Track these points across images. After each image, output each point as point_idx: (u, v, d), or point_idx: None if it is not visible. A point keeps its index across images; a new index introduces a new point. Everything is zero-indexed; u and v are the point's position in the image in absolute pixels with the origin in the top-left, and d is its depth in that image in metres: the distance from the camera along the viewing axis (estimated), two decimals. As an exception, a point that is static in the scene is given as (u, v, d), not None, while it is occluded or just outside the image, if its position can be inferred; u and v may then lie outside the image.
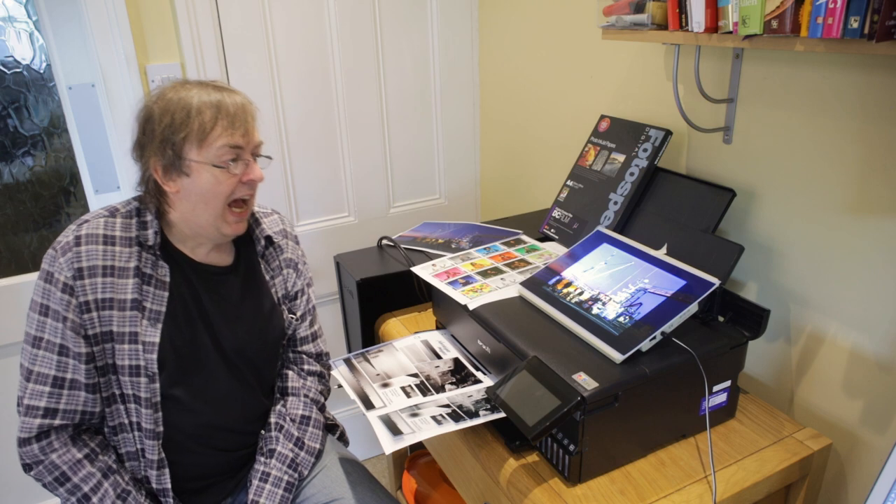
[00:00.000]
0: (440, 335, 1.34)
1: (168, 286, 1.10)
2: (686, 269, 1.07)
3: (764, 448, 1.04)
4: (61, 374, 1.04)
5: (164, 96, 1.04)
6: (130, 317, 1.06)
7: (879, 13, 0.77)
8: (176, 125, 1.02)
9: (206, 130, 1.02)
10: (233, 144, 1.04)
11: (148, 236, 1.08)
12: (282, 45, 1.77)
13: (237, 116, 1.05)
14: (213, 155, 1.04)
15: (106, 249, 1.05)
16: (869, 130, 1.00)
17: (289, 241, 1.27)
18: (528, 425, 0.91)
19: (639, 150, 1.35)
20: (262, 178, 1.10)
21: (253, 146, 1.08)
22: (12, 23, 1.59)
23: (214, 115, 1.03)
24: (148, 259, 1.08)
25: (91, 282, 1.04)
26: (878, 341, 1.04)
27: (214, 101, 1.03)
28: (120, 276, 1.06)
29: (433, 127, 2.09)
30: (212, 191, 1.05)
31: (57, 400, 1.04)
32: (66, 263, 1.03)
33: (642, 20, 1.13)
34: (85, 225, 1.06)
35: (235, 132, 1.04)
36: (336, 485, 1.22)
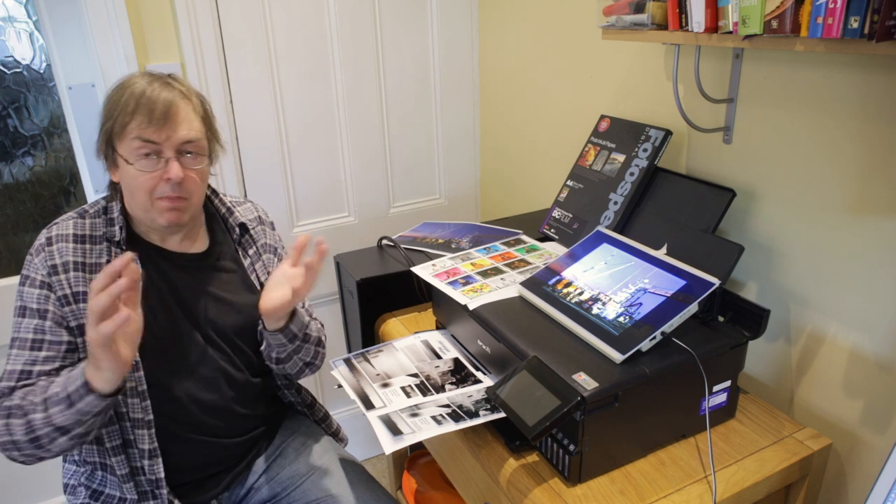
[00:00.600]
0: (440, 335, 1.34)
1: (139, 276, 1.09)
2: (686, 269, 1.07)
3: (764, 448, 1.04)
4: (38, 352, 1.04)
5: (117, 85, 1.05)
6: None
7: (879, 13, 0.77)
8: (106, 114, 1.04)
9: (125, 123, 1.02)
10: (144, 138, 1.02)
11: (115, 231, 1.09)
12: (282, 45, 1.77)
13: (155, 111, 1.01)
14: (130, 149, 1.03)
15: (76, 247, 1.07)
16: (869, 130, 1.00)
17: (265, 227, 1.29)
18: (528, 425, 0.91)
19: (639, 150, 1.35)
20: (180, 178, 1.04)
21: (176, 144, 1.04)
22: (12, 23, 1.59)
23: (134, 108, 1.01)
24: (117, 253, 1.09)
25: (66, 276, 1.05)
26: (878, 341, 1.04)
27: (140, 93, 1.02)
28: (92, 272, 1.07)
29: (433, 127, 2.09)
30: (132, 184, 1.05)
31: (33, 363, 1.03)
32: (40, 263, 1.05)
33: (642, 20, 1.13)
34: (55, 227, 1.08)
35: (150, 126, 1.01)
36: (334, 484, 1.22)
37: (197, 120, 1.08)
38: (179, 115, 1.04)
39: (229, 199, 1.26)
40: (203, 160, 1.10)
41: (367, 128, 1.97)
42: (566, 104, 1.70)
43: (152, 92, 1.02)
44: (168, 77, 1.08)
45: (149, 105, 1.01)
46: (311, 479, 1.23)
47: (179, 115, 1.04)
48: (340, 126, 1.93)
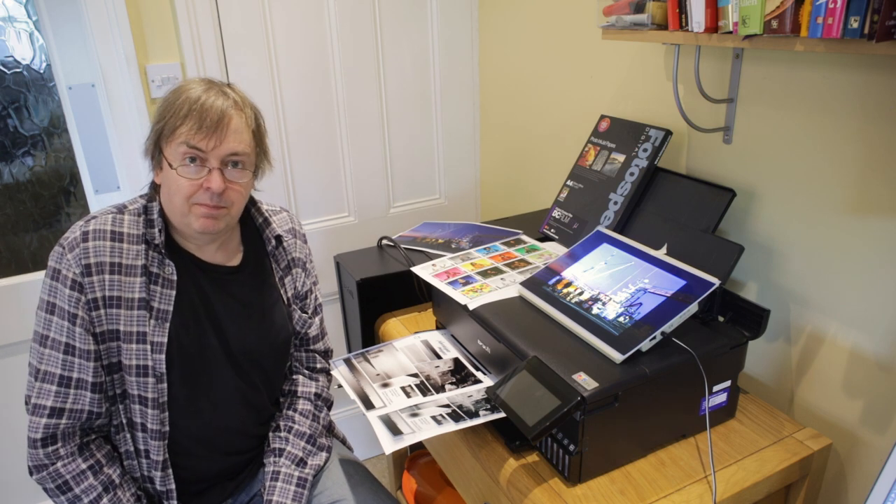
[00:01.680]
0: (440, 335, 1.34)
1: (175, 285, 1.08)
2: (686, 269, 1.07)
3: (764, 448, 1.04)
4: (67, 373, 1.03)
5: (175, 89, 1.05)
6: (138, 316, 1.04)
7: (879, 13, 0.77)
8: (159, 116, 1.03)
9: (175, 126, 1.01)
10: (191, 144, 1.01)
11: (154, 234, 1.07)
12: (282, 45, 1.77)
13: (208, 119, 1.00)
14: (175, 153, 1.02)
15: (114, 246, 1.04)
16: (869, 130, 1.00)
17: (297, 240, 1.26)
18: (528, 425, 0.91)
19: (639, 150, 1.34)
20: (220, 189, 1.03)
21: (222, 154, 1.03)
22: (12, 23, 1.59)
23: (187, 112, 1.01)
24: (154, 257, 1.07)
25: (99, 278, 1.03)
26: (878, 341, 1.04)
27: (195, 99, 1.01)
28: (127, 274, 1.04)
29: (433, 127, 2.08)
30: (172, 187, 1.04)
31: (63, 399, 1.02)
32: (73, 260, 1.02)
33: (642, 20, 1.13)
34: (93, 221, 1.05)
35: (198, 134, 1.00)
36: (338, 486, 1.22)
37: (247, 133, 1.06)
38: (230, 126, 1.03)
39: (266, 208, 1.22)
40: (247, 174, 1.08)
41: (367, 128, 1.97)
42: (566, 104, 1.70)
43: (207, 99, 1.01)
44: (226, 86, 1.07)
45: (201, 112, 1.00)
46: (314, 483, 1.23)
47: (230, 126, 1.03)
48: (340, 126, 1.93)
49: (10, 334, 1.69)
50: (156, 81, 1.65)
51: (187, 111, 1.01)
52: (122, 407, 1.08)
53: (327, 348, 1.33)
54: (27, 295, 1.67)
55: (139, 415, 1.07)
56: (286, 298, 1.22)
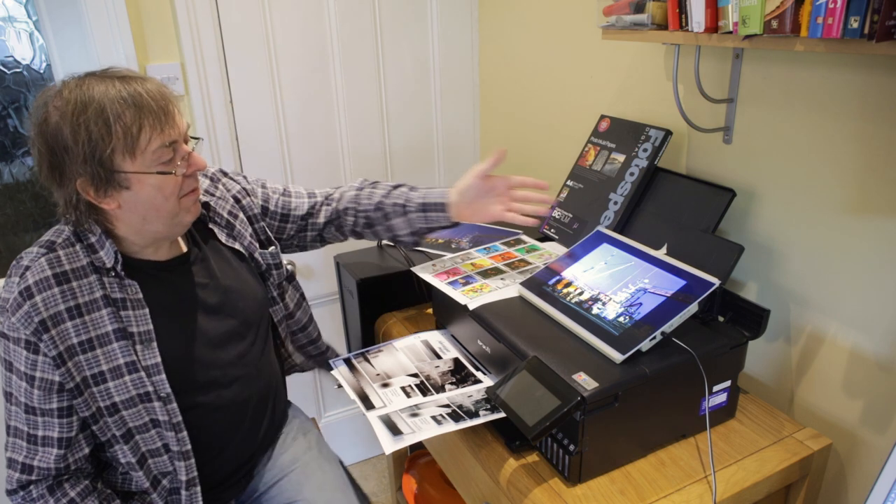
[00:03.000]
0: (440, 335, 1.34)
1: (144, 303, 1.00)
2: (686, 269, 1.07)
3: (764, 448, 1.04)
4: (32, 431, 0.98)
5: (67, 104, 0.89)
6: (121, 347, 0.98)
7: (879, 13, 0.77)
8: (96, 140, 0.88)
9: (133, 136, 0.90)
10: (168, 142, 0.93)
11: (103, 259, 0.97)
12: (282, 45, 1.77)
13: (161, 109, 0.91)
14: (150, 160, 0.92)
15: (63, 290, 0.95)
16: (868, 130, 1.00)
17: (219, 186, 1.17)
18: (528, 425, 0.91)
19: (639, 150, 1.35)
20: (206, 165, 1.00)
21: (184, 132, 0.96)
22: (12, 23, 1.59)
23: (136, 116, 0.89)
24: (112, 282, 0.98)
25: (59, 330, 0.94)
26: (878, 341, 1.04)
27: (130, 98, 0.89)
28: (89, 312, 0.96)
29: (433, 126, 2.09)
30: (160, 196, 0.95)
31: (32, 456, 0.99)
32: (20, 322, 0.92)
33: (642, 20, 1.13)
34: (28, 273, 0.94)
35: (165, 127, 0.92)
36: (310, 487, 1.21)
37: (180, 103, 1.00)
38: (174, 104, 0.95)
39: None
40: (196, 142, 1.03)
41: (367, 128, 1.97)
42: (566, 104, 1.70)
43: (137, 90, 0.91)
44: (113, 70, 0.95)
45: (149, 105, 0.90)
46: (288, 478, 1.23)
47: (174, 104, 0.95)
48: (340, 126, 1.93)
49: None
50: (156, 81, 1.65)
51: (135, 113, 0.89)
52: (132, 444, 1.03)
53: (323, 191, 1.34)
54: (27, 295, 1.67)
55: (156, 440, 1.04)
56: (244, 246, 1.16)
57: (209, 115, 1.73)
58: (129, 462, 1.04)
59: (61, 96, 0.90)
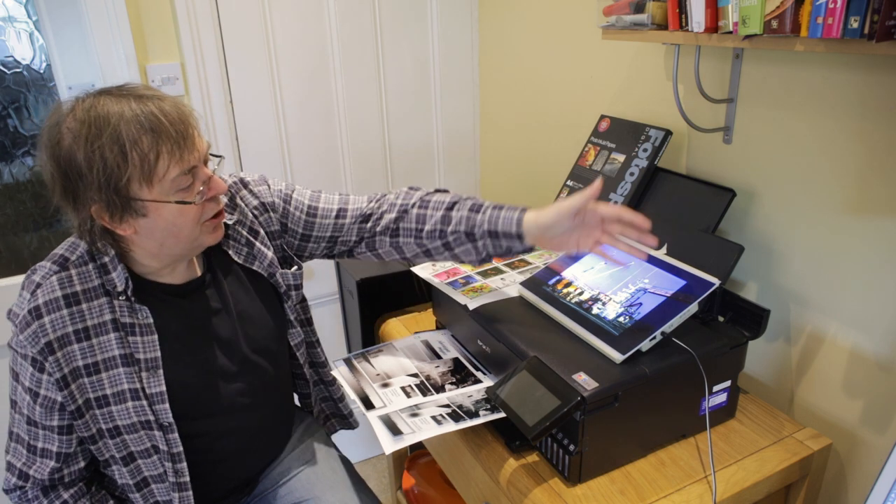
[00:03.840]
0: (440, 335, 1.34)
1: (153, 328, 0.97)
2: (686, 269, 1.07)
3: (764, 448, 1.04)
4: (33, 442, 0.99)
5: (81, 127, 0.84)
6: (126, 373, 0.96)
7: (879, 13, 0.77)
8: (111, 167, 0.84)
9: (150, 164, 0.85)
10: (186, 169, 0.88)
11: (115, 282, 0.94)
12: (282, 45, 1.77)
13: (180, 134, 0.86)
14: (169, 188, 0.88)
15: (72, 312, 0.93)
16: (869, 130, 1.00)
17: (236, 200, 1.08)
18: (528, 425, 0.91)
19: (639, 150, 1.35)
20: (226, 189, 0.96)
21: (203, 155, 0.92)
22: (12, 23, 1.59)
23: (154, 142, 0.84)
24: (123, 307, 0.95)
25: (65, 352, 0.93)
26: (878, 341, 1.04)
27: (147, 122, 0.84)
28: (97, 335, 0.94)
29: (433, 127, 2.09)
30: (178, 223, 0.91)
31: (29, 465, 0.99)
32: (27, 340, 0.92)
33: (642, 20, 1.13)
34: (39, 291, 0.92)
35: (184, 154, 0.87)
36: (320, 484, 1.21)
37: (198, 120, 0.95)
38: (193, 126, 0.91)
39: None
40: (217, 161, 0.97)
41: (367, 128, 1.97)
42: (566, 104, 1.70)
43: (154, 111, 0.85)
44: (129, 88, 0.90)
45: (167, 131, 0.85)
46: (297, 478, 1.22)
47: (193, 126, 0.91)
48: (340, 126, 1.93)
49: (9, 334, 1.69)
50: (156, 81, 1.65)
51: (153, 140, 0.85)
52: (132, 468, 1.03)
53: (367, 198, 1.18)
54: (27, 295, 1.67)
55: (154, 467, 1.03)
56: (264, 266, 1.09)
57: (209, 115, 1.73)
58: (126, 484, 1.04)
59: (74, 117, 0.85)
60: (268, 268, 1.10)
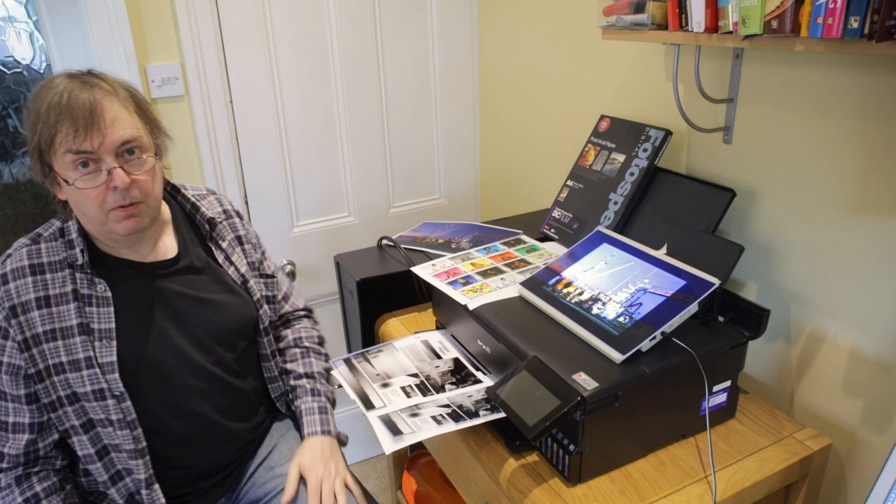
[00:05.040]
0: (440, 335, 1.34)
1: (110, 301, 1.02)
2: (686, 269, 1.07)
3: (764, 448, 1.04)
4: (3, 418, 1.00)
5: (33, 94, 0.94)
6: (81, 342, 1.00)
7: (879, 13, 0.77)
8: (33, 132, 0.93)
9: (51, 137, 0.91)
10: (76, 150, 0.92)
11: (76, 255, 1.00)
12: (282, 45, 1.78)
13: (80, 116, 0.90)
14: (68, 166, 0.93)
15: (36, 280, 0.98)
16: (869, 130, 1.00)
17: (235, 219, 1.23)
18: (528, 425, 0.91)
19: (639, 150, 1.35)
20: (127, 184, 0.95)
21: (112, 148, 0.94)
22: (12, 23, 1.59)
23: (56, 118, 0.90)
24: (83, 279, 1.01)
25: (27, 318, 0.97)
26: (878, 341, 1.04)
27: (59, 100, 0.91)
28: (58, 304, 0.99)
29: (433, 127, 2.09)
30: (79, 202, 0.96)
31: (3, 442, 1.00)
32: None
33: (642, 20, 1.13)
34: (8, 261, 0.99)
35: (78, 135, 0.90)
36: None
37: (130, 115, 0.97)
38: (107, 115, 0.93)
39: (192, 193, 1.18)
40: (149, 158, 0.99)
41: (367, 128, 1.97)
42: (566, 104, 1.70)
43: (71, 96, 0.91)
44: (87, 75, 0.97)
45: (70, 112, 0.90)
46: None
47: (107, 115, 0.93)
48: (340, 126, 1.93)
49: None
50: (156, 81, 1.65)
51: (56, 116, 0.91)
52: (92, 435, 1.04)
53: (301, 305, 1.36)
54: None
55: (112, 437, 1.04)
56: (240, 274, 1.18)
57: (209, 115, 1.73)
58: (87, 454, 1.05)
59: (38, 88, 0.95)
60: (243, 274, 1.19)
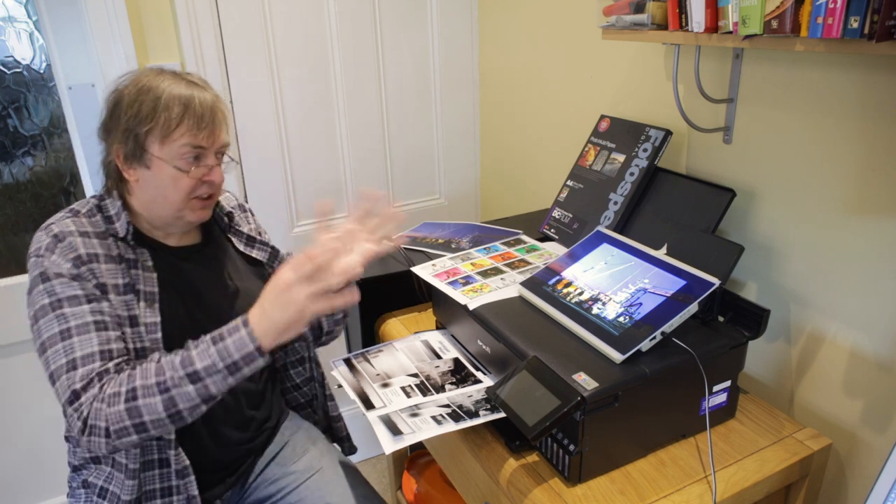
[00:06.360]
0: (440, 335, 1.34)
1: (153, 269, 1.08)
2: (686, 269, 1.07)
3: (764, 448, 1.04)
4: (100, 318, 0.98)
5: (138, 83, 1.03)
6: (127, 301, 1.03)
7: (879, 13, 0.77)
8: (142, 116, 1.01)
9: (170, 127, 1.01)
10: (195, 144, 1.04)
11: (117, 228, 1.06)
12: (282, 46, 1.77)
13: (204, 116, 1.03)
14: (175, 153, 1.03)
15: (85, 241, 1.03)
16: (869, 130, 1.00)
17: (247, 214, 1.32)
18: (528, 425, 0.91)
19: (639, 150, 1.35)
20: (223, 181, 1.10)
21: (217, 147, 1.07)
22: (12, 23, 1.59)
23: (181, 113, 1.02)
24: (126, 248, 1.07)
25: (89, 267, 1.01)
26: (878, 341, 1.04)
27: (184, 97, 1.02)
28: (107, 263, 1.03)
29: (433, 127, 2.09)
30: (170, 187, 1.05)
31: (107, 340, 0.97)
32: (60, 258, 0.99)
33: (642, 20, 1.13)
34: (52, 226, 1.03)
35: (200, 133, 1.03)
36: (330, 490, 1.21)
37: (227, 122, 1.11)
38: (219, 118, 1.07)
39: None
40: (229, 161, 1.13)
41: (367, 128, 1.97)
42: (566, 104, 1.70)
43: (195, 94, 1.03)
44: (190, 76, 1.08)
45: (198, 111, 1.03)
46: (306, 485, 1.23)
47: (219, 118, 1.07)
48: (340, 126, 1.93)
49: (10, 334, 1.69)
50: (156, 81, 1.65)
51: (182, 111, 1.01)
52: None
53: None
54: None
55: None
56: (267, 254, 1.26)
57: (209, 115, 1.73)
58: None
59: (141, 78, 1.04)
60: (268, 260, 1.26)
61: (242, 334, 0.92)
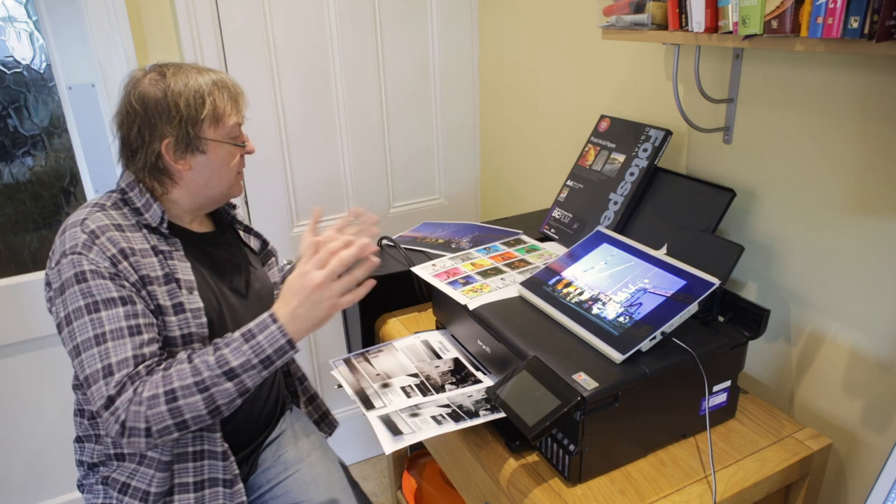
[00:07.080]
0: (440, 335, 1.34)
1: (185, 258, 1.12)
2: (686, 269, 1.07)
3: (764, 448, 1.04)
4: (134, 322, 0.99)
5: (168, 84, 1.06)
6: (170, 290, 1.06)
7: (879, 13, 0.77)
8: (192, 108, 1.06)
9: (220, 111, 1.09)
10: (240, 122, 1.14)
11: (148, 218, 1.09)
12: (282, 45, 1.77)
13: (238, 95, 1.14)
14: (228, 133, 1.11)
15: (122, 235, 1.04)
16: (869, 130, 1.00)
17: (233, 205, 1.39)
18: (528, 425, 0.91)
19: (639, 150, 1.35)
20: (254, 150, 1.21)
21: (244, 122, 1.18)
22: (12, 23, 1.59)
23: (223, 96, 1.10)
24: (159, 239, 1.10)
25: (129, 262, 1.02)
26: (878, 341, 1.04)
27: (218, 82, 1.10)
28: (144, 256, 1.05)
29: (433, 127, 2.09)
30: (227, 164, 1.12)
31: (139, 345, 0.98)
32: (97, 256, 0.99)
33: (642, 20, 1.13)
34: (87, 221, 1.03)
35: (240, 111, 1.14)
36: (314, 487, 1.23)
37: None
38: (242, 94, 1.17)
39: None
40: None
41: (367, 127, 1.97)
42: (566, 104, 1.70)
43: (225, 78, 1.13)
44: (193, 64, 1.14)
45: (233, 91, 1.12)
46: (293, 478, 1.24)
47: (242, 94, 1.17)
48: (340, 126, 1.93)
49: (10, 334, 1.69)
50: (156, 81, 1.65)
51: (229, 95, 1.11)
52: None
53: None
54: (27, 295, 1.67)
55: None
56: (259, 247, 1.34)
57: (209, 115, 1.73)
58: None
59: (164, 78, 1.07)
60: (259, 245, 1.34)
61: (273, 329, 0.97)
